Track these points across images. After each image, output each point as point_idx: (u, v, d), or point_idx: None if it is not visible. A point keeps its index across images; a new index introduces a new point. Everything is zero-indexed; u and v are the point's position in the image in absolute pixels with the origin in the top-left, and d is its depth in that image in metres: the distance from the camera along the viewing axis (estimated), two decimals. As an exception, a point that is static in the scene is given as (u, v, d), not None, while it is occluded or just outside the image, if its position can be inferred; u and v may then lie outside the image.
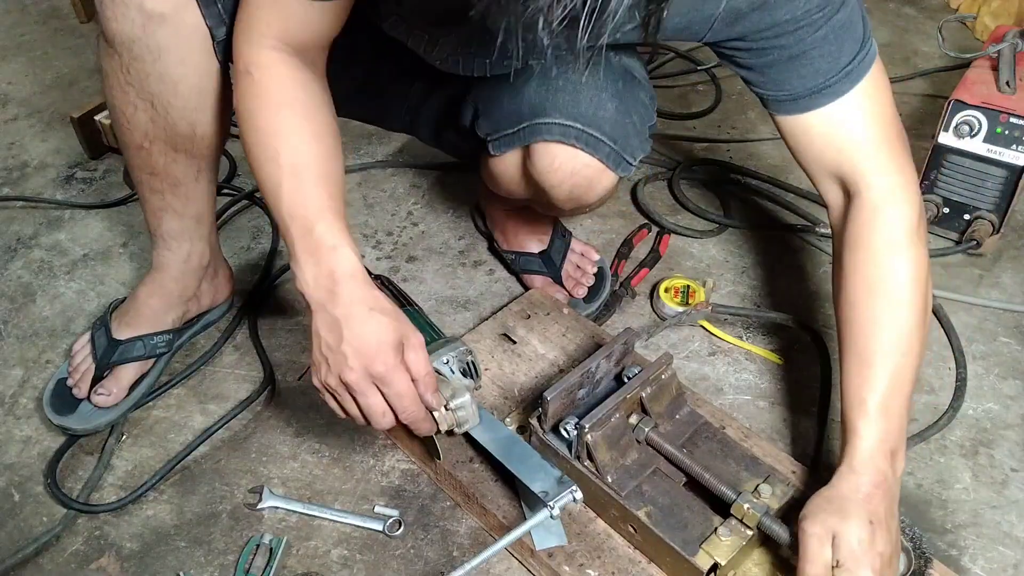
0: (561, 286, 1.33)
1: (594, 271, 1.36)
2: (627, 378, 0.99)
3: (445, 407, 0.96)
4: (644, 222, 1.51)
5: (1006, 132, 1.34)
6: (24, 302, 1.34)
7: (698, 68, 1.91)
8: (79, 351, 1.17)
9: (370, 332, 0.82)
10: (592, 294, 1.33)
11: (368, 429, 1.14)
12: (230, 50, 0.97)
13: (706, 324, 1.29)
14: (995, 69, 1.40)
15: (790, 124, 0.96)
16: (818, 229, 1.46)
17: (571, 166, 1.03)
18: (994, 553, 1.02)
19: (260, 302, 1.33)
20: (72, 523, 1.03)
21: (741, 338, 1.28)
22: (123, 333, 1.16)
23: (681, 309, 1.30)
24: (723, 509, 0.91)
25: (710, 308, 1.27)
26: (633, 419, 0.96)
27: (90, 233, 1.48)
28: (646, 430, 0.96)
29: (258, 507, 1.05)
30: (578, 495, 0.90)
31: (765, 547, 0.94)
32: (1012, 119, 1.33)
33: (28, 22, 2.12)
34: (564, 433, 0.95)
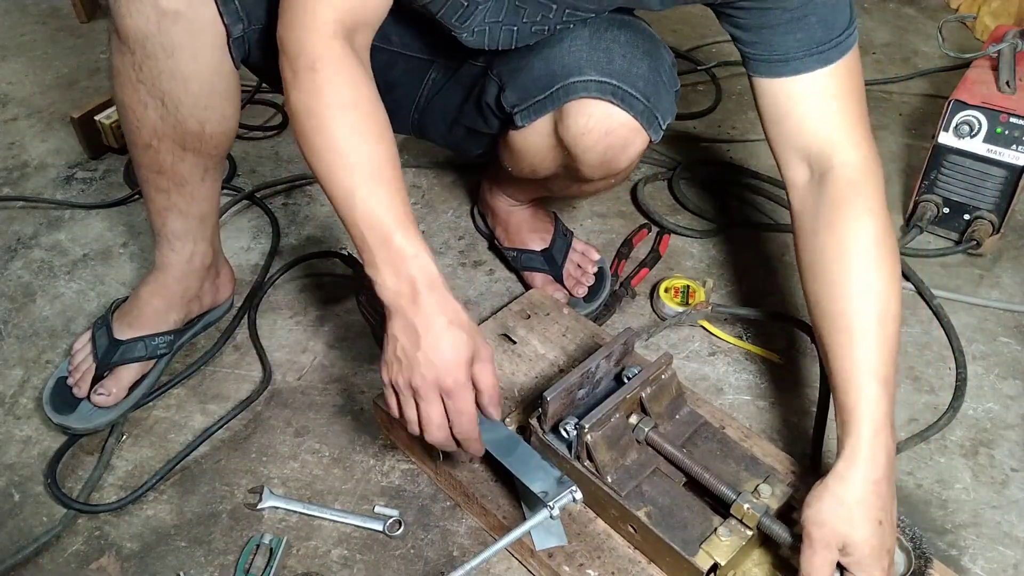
0: (561, 285, 1.33)
1: (594, 271, 1.36)
2: (627, 378, 0.99)
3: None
4: (644, 222, 1.51)
5: (1006, 132, 1.34)
6: (24, 302, 1.34)
7: (698, 68, 1.91)
8: (79, 350, 1.17)
9: (446, 346, 0.82)
10: (592, 294, 1.33)
11: (366, 430, 1.15)
12: (245, 47, 0.96)
13: (706, 324, 1.29)
14: (995, 69, 1.40)
15: (774, 89, 0.97)
16: (818, 229, 1.46)
17: (606, 125, 1.02)
18: (994, 553, 1.02)
19: (260, 302, 1.33)
20: (72, 523, 1.03)
21: (741, 338, 1.28)
22: (125, 333, 1.16)
23: (681, 309, 1.30)
24: (723, 509, 0.91)
25: (710, 308, 1.27)
26: (633, 419, 0.96)
27: (90, 233, 1.48)
28: (646, 430, 0.96)
29: (258, 507, 1.05)
30: (578, 495, 0.90)
31: (765, 547, 0.94)
32: (1012, 119, 1.33)
33: (28, 22, 2.12)
34: (564, 433, 0.95)
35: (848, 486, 0.84)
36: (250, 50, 1.00)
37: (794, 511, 0.89)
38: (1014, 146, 1.34)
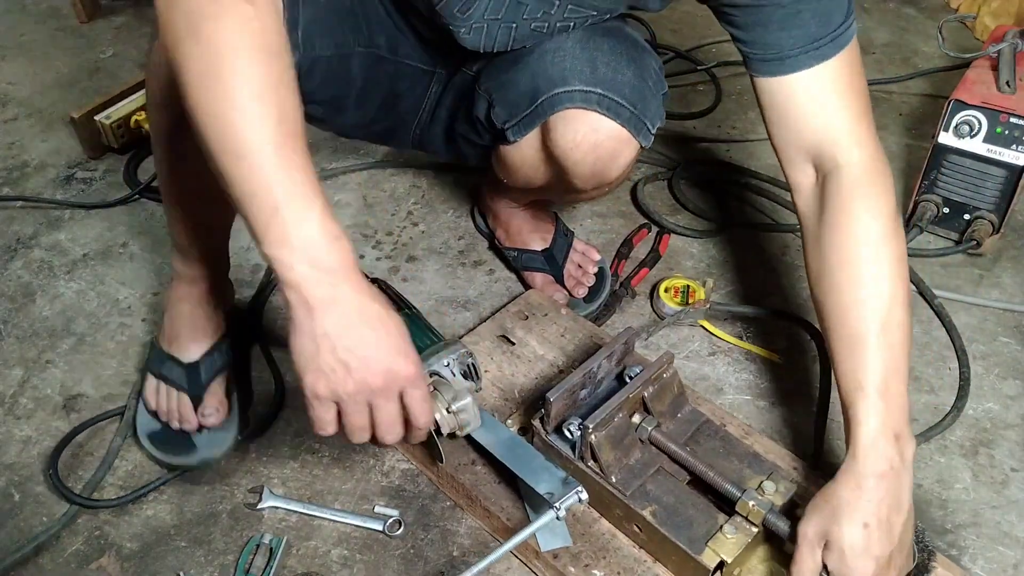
0: (562, 285, 1.33)
1: (595, 271, 1.36)
2: (629, 378, 0.99)
3: (447, 410, 0.96)
4: (644, 222, 1.51)
5: (1006, 132, 1.34)
6: (24, 302, 1.34)
7: (698, 68, 1.91)
8: (154, 396, 1.13)
9: (393, 331, 0.76)
10: (592, 294, 1.33)
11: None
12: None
13: (706, 324, 1.29)
14: (995, 69, 1.40)
15: (774, 88, 0.96)
16: (818, 229, 1.46)
17: (593, 138, 1.01)
18: (994, 553, 1.02)
19: (262, 303, 1.34)
20: (72, 523, 1.03)
21: (741, 338, 1.28)
22: (192, 355, 1.13)
23: (681, 309, 1.30)
24: (727, 507, 0.91)
25: (708, 307, 1.27)
26: (636, 419, 0.96)
27: (90, 233, 1.47)
28: (649, 429, 0.96)
29: (258, 507, 1.05)
30: (583, 496, 0.90)
31: (770, 544, 0.94)
32: (1012, 119, 1.33)
33: (28, 22, 2.12)
34: (567, 434, 0.95)
35: (838, 488, 0.85)
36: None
37: (797, 507, 0.89)
38: (1014, 146, 1.35)
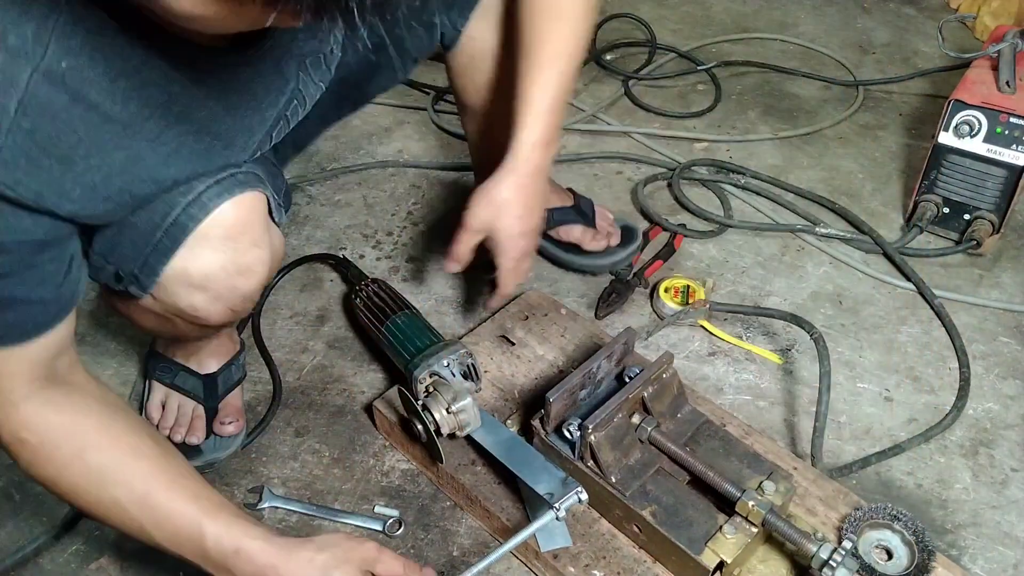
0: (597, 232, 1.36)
1: (617, 229, 1.40)
2: (628, 378, 0.99)
3: (447, 410, 0.96)
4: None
5: (1006, 132, 1.34)
6: (23, 302, 1.33)
7: (698, 68, 1.91)
8: (159, 408, 1.13)
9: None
10: (626, 239, 1.39)
11: (366, 430, 1.14)
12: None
13: (706, 324, 1.29)
14: (995, 69, 1.40)
15: None
16: (818, 229, 1.46)
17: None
18: (994, 553, 1.02)
19: (263, 305, 1.34)
20: (72, 523, 1.03)
21: (741, 338, 1.28)
22: (211, 366, 1.14)
23: (681, 309, 1.30)
24: (727, 507, 0.91)
25: (708, 307, 1.27)
26: (635, 419, 0.96)
27: (89, 232, 1.47)
28: (649, 429, 0.95)
29: (258, 507, 1.05)
30: (583, 496, 0.90)
31: (770, 544, 0.94)
32: (1012, 119, 1.33)
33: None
34: (567, 434, 0.95)
35: (501, 188, 1.02)
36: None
37: (798, 507, 0.89)
38: (1014, 146, 1.35)
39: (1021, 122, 1.33)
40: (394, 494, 1.07)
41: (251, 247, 0.86)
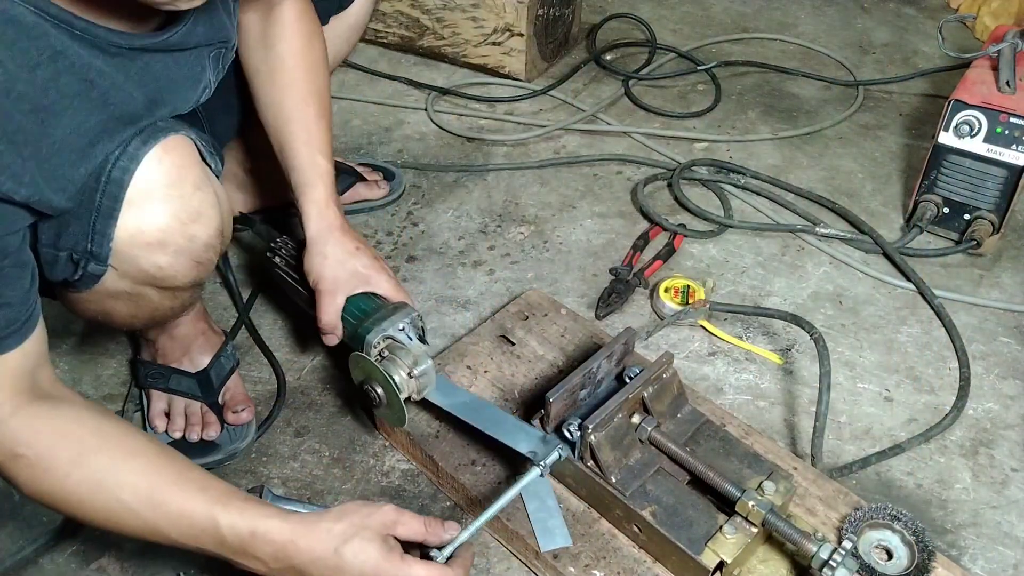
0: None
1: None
2: (628, 378, 0.99)
3: (409, 374, 0.98)
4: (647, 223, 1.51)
5: (1006, 132, 1.34)
6: (23, 301, 1.33)
7: (698, 68, 1.91)
8: (162, 416, 1.13)
9: (361, 561, 0.79)
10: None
11: (366, 430, 1.14)
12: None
13: (706, 324, 1.29)
14: (995, 69, 1.40)
15: None
16: (818, 229, 1.46)
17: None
18: (994, 553, 1.02)
19: (254, 303, 1.33)
20: (72, 522, 1.03)
21: (741, 338, 1.28)
22: (200, 363, 1.14)
23: (681, 308, 1.30)
24: (727, 507, 0.91)
25: (708, 307, 1.27)
26: (635, 419, 0.96)
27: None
28: (649, 429, 0.95)
29: (259, 507, 1.04)
30: (564, 452, 0.92)
31: (770, 544, 0.94)
32: (1012, 119, 1.33)
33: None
34: (567, 434, 0.94)
35: (325, 244, 1.04)
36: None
37: (797, 507, 0.89)
38: (1014, 146, 1.35)
39: (1021, 122, 1.33)
40: (394, 494, 1.07)
41: (195, 190, 0.87)
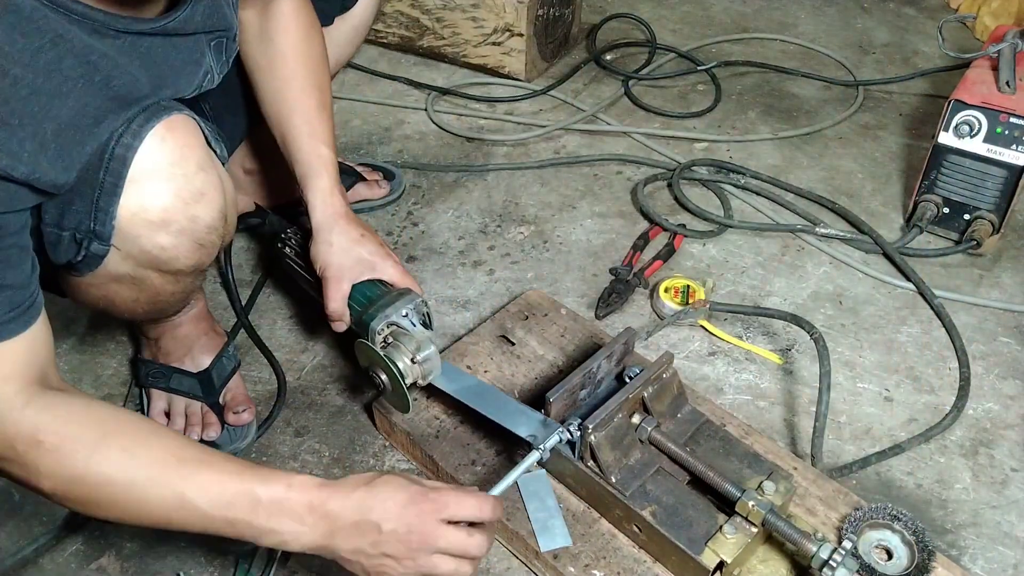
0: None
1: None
2: (628, 378, 0.99)
3: (412, 360, 0.98)
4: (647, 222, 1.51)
5: (1006, 132, 1.34)
6: (23, 301, 1.33)
7: (698, 68, 1.91)
8: (162, 414, 1.13)
9: (394, 505, 0.79)
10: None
11: (366, 430, 1.15)
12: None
13: (706, 324, 1.29)
14: (995, 69, 1.40)
15: None
16: (818, 229, 1.46)
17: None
18: (994, 553, 1.02)
19: (254, 303, 1.33)
20: (72, 523, 1.03)
21: (741, 338, 1.28)
22: (202, 363, 1.14)
23: (681, 309, 1.30)
24: (727, 507, 0.91)
25: (708, 307, 1.27)
26: (635, 419, 0.96)
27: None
28: (649, 429, 0.96)
29: (259, 507, 1.04)
30: (564, 435, 0.92)
31: (770, 544, 0.94)
32: (1012, 119, 1.33)
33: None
34: (568, 434, 0.95)
35: (330, 232, 1.05)
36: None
37: (798, 507, 0.89)
38: (1014, 146, 1.35)
39: (1021, 122, 1.33)
40: (394, 494, 1.07)
41: (198, 170, 0.86)
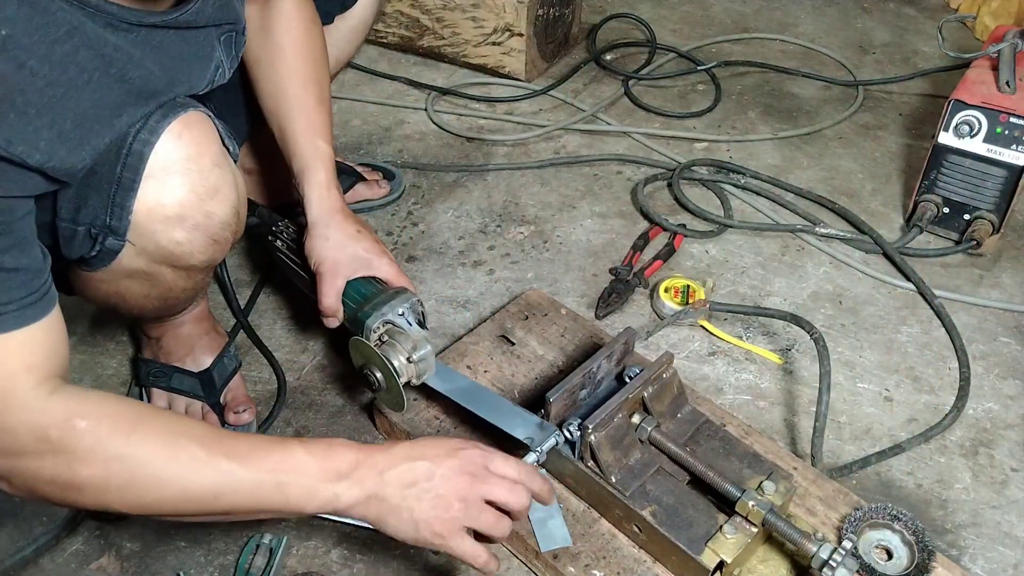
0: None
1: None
2: (628, 378, 0.99)
3: (408, 359, 0.98)
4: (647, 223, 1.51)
5: (1006, 132, 1.34)
6: (23, 301, 1.33)
7: (698, 68, 1.91)
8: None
9: (442, 449, 0.81)
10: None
11: (366, 430, 1.14)
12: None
13: (706, 324, 1.29)
14: (995, 69, 1.40)
15: None
16: (818, 229, 1.46)
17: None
18: (994, 553, 1.02)
19: (255, 302, 1.33)
20: (72, 523, 1.03)
21: (741, 338, 1.28)
22: (203, 363, 1.15)
23: (681, 309, 1.30)
24: (727, 507, 0.91)
25: (708, 306, 1.27)
26: (635, 419, 0.96)
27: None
28: (649, 429, 0.96)
29: (259, 507, 1.04)
30: (561, 438, 0.92)
31: (770, 544, 0.94)
32: (1012, 119, 1.33)
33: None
34: (567, 434, 0.95)
35: (326, 226, 1.04)
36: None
37: (797, 507, 0.89)
38: (1014, 146, 1.35)
39: (1021, 122, 1.33)
40: (394, 494, 1.07)
41: (213, 166, 0.87)
